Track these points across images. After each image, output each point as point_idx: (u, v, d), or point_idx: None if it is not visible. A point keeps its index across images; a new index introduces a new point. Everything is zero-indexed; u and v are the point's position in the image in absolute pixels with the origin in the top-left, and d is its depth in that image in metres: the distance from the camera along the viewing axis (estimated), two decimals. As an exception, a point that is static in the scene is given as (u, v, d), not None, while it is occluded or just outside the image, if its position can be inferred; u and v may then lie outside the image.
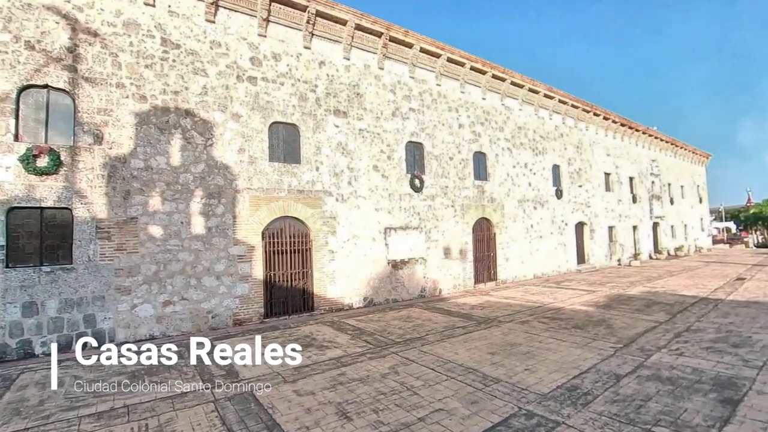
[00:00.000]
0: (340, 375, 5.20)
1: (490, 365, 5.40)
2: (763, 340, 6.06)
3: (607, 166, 19.12)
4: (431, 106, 11.85)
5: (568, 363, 5.40)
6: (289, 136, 9.13)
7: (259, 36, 8.74)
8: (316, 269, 9.14)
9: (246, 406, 4.41)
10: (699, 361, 5.26)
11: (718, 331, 6.74)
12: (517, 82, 14.10)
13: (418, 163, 11.42)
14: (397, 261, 10.50)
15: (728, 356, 5.40)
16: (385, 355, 5.98)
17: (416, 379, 4.96)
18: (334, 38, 9.85)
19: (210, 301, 7.76)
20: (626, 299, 10.06)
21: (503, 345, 6.34)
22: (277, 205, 8.69)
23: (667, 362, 5.27)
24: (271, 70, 8.86)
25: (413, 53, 11.22)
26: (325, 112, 9.61)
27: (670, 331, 6.84)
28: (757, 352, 5.50)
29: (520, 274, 14.17)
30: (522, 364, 5.43)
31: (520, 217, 14.28)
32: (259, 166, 8.53)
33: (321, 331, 7.52)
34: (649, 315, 8.18)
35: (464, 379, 4.92)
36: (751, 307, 8.54)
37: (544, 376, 4.97)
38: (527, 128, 15.00)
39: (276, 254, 8.72)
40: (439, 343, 6.53)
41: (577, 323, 7.65)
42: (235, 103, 8.32)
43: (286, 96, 9.02)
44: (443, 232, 11.77)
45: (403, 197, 10.87)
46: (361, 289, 9.84)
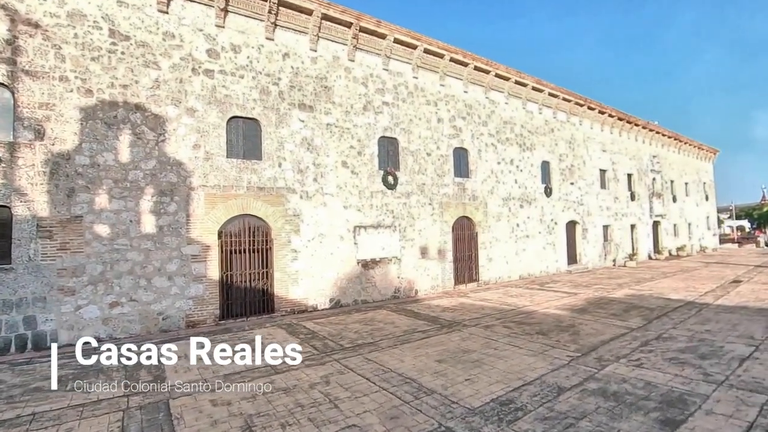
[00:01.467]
0: (267, 384, 4.96)
1: (431, 375, 5.13)
2: (735, 351, 5.68)
3: (602, 163, 18.56)
4: (407, 99, 11.51)
5: (514, 373, 5.09)
6: (249, 131, 8.89)
7: (217, 27, 8.50)
8: (277, 269, 8.92)
9: (154, 416, 4.21)
10: (656, 374, 4.92)
11: (690, 339, 6.36)
12: (501, 74, 13.66)
13: (392, 159, 11.11)
14: (367, 261, 10.23)
15: (690, 369, 5.04)
16: (325, 362, 5.74)
17: (345, 390, 4.70)
18: (299, 29, 9.56)
19: (161, 302, 7.59)
20: (606, 303, 9.67)
21: (456, 352, 6.05)
22: (235, 203, 8.48)
23: (621, 374, 4.93)
24: (229, 62, 8.62)
25: (387, 44, 10.88)
26: (289, 106, 9.35)
27: (639, 339, 6.47)
28: (723, 365, 5.13)
29: (504, 275, 13.80)
30: (466, 373, 5.14)
31: (504, 215, 13.89)
32: (215, 163, 8.31)
33: (273, 335, 7.31)
34: (624, 320, 7.80)
35: (397, 390, 4.65)
36: (736, 313, 8.11)
37: (483, 387, 4.68)
38: (514, 123, 14.56)
39: (234, 254, 8.52)
40: (389, 350, 6.26)
41: (543, 329, 7.31)
42: (189, 97, 8.10)
43: (246, 89, 8.77)
44: (420, 231, 11.46)
45: (375, 194, 10.58)
46: (327, 289, 9.60)
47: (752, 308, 8.52)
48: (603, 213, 18.32)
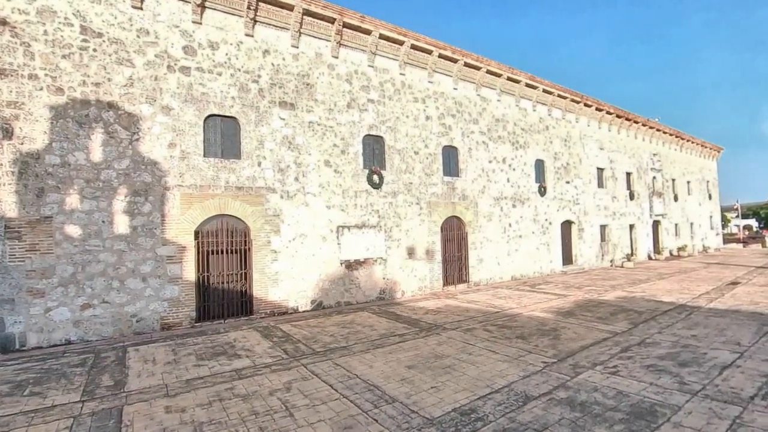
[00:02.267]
0: (228, 390, 4.86)
1: (397, 381, 5.00)
2: (718, 358, 5.50)
3: (600, 161, 18.30)
4: (394, 96, 11.35)
5: (484, 380, 4.95)
6: (228, 129, 8.78)
7: (194, 23, 8.39)
8: (256, 270, 8.82)
9: (104, 423, 4.12)
10: (630, 382, 4.76)
11: (673, 345, 6.18)
12: (493, 70, 13.46)
13: (377, 157, 10.97)
14: (351, 261, 10.11)
15: (667, 377, 4.87)
16: (292, 367, 5.62)
17: (304, 397, 4.59)
18: (280, 25, 9.43)
19: (135, 304, 7.52)
20: (595, 305, 9.49)
21: (429, 357, 5.91)
22: (213, 203, 8.38)
23: (593, 383, 4.78)
24: (207, 59, 8.51)
25: (372, 40, 10.72)
26: (270, 103, 9.23)
27: (620, 345, 6.30)
28: (702, 373, 4.95)
29: (496, 276, 13.63)
30: (434, 380, 5.00)
31: (496, 215, 13.70)
32: (192, 162, 8.21)
33: (246, 338, 7.21)
34: (609, 324, 7.63)
35: (358, 398, 4.53)
36: (727, 317, 7.90)
37: (448, 395, 4.54)
38: (506, 120, 14.35)
39: (212, 254, 8.43)
40: (361, 354, 6.14)
41: (524, 333, 7.16)
42: (165, 95, 8.01)
43: (224, 87, 8.66)
44: (407, 231, 11.31)
45: (360, 194, 10.45)
46: (309, 291, 9.49)
47: (745, 312, 8.31)
48: (600, 212, 18.07)
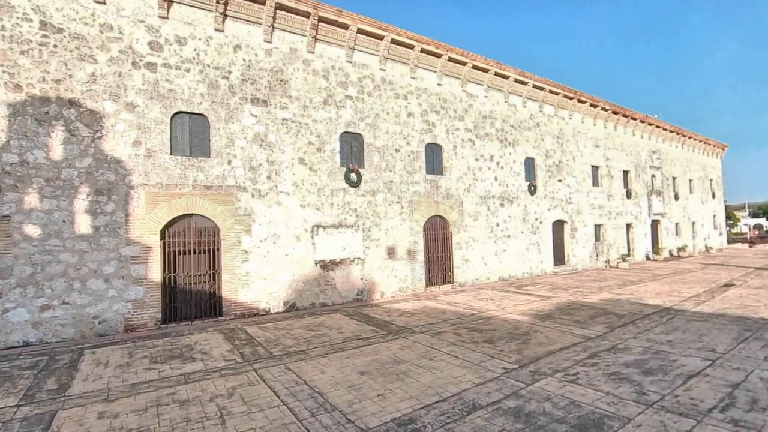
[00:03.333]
0: (169, 395, 4.77)
1: (345, 388, 4.86)
2: (687, 366, 5.29)
3: (594, 159, 17.99)
4: (373, 93, 11.18)
5: (435, 387, 4.80)
6: (197, 127, 8.69)
7: (160, 18, 8.29)
8: (226, 271, 8.72)
9: (32, 429, 4.03)
10: (586, 391, 4.58)
11: (645, 351, 5.99)
12: (479, 65, 13.24)
13: (356, 155, 10.82)
14: (326, 262, 9.99)
15: (627, 386, 4.69)
16: (242, 372, 5.51)
17: (244, 404, 4.47)
18: (252, 20, 9.30)
19: (97, 305, 7.45)
20: (577, 308, 9.28)
21: (387, 362, 5.77)
22: (180, 202, 8.29)
23: (548, 391, 4.61)
24: (174, 55, 8.41)
25: (350, 35, 10.56)
26: (241, 100, 9.11)
27: (589, 350, 6.12)
28: (665, 383, 4.76)
29: (482, 277, 13.44)
30: (383, 387, 4.86)
31: (483, 214, 13.50)
32: (158, 160, 8.13)
33: (208, 341, 7.12)
34: (585, 328, 7.43)
35: (298, 405, 4.41)
36: (710, 321, 7.67)
37: (392, 404, 4.40)
38: (494, 117, 14.12)
39: (179, 255, 8.35)
40: (318, 359, 6.02)
41: (494, 336, 6.99)
42: (129, 91, 7.92)
43: (192, 83, 8.56)
44: (387, 230, 11.16)
45: (336, 193, 10.32)
46: (282, 292, 9.38)
47: (730, 316, 8.06)
48: (595, 212, 17.77)
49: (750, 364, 5.29)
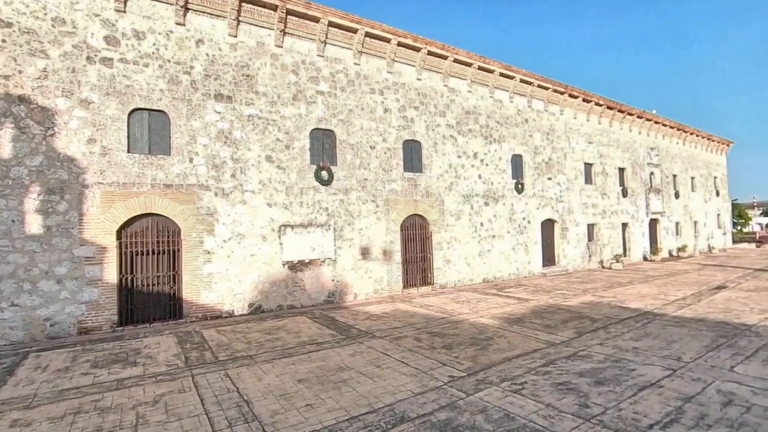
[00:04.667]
0: (94, 402, 4.64)
1: (276, 397, 4.70)
2: (644, 376, 5.05)
3: (588, 156, 17.63)
4: (347, 88, 10.98)
5: (370, 397, 4.62)
6: (157, 124, 8.56)
7: (117, 12, 8.16)
8: (187, 272, 8.60)
9: (-65, 442, 3.93)
10: (526, 403, 4.37)
11: (605, 359, 5.75)
12: (462, 59, 12.97)
13: (328, 153, 10.64)
14: (295, 262, 9.83)
15: (571, 397, 4.47)
16: (179, 377, 5.38)
17: (165, 413, 4.33)
18: (215, 13, 9.15)
19: (48, 307, 7.37)
20: (553, 311, 9.03)
21: (331, 369, 5.60)
22: (137, 202, 8.18)
23: (487, 402, 4.40)
24: (132, 50, 8.28)
25: (321, 28, 10.37)
26: (204, 96, 8.97)
27: (547, 357, 5.89)
28: (614, 394, 4.53)
29: (465, 278, 13.21)
30: (315, 396, 4.69)
31: (465, 213, 13.26)
32: (114, 158, 8.01)
33: (159, 344, 7.00)
34: (553, 333, 7.20)
35: (219, 415, 4.25)
36: (687, 327, 7.40)
37: (318, 415, 4.23)
38: (478, 113, 13.85)
39: (137, 255, 8.24)
40: (261, 364, 5.87)
41: (454, 341, 6.79)
42: (84, 87, 7.81)
43: (151, 79, 8.43)
44: (360, 230, 10.98)
45: (306, 191, 10.15)
46: (247, 294, 9.25)
47: (710, 321, 7.77)
48: (588, 211, 17.42)
49: (712, 374, 5.04)
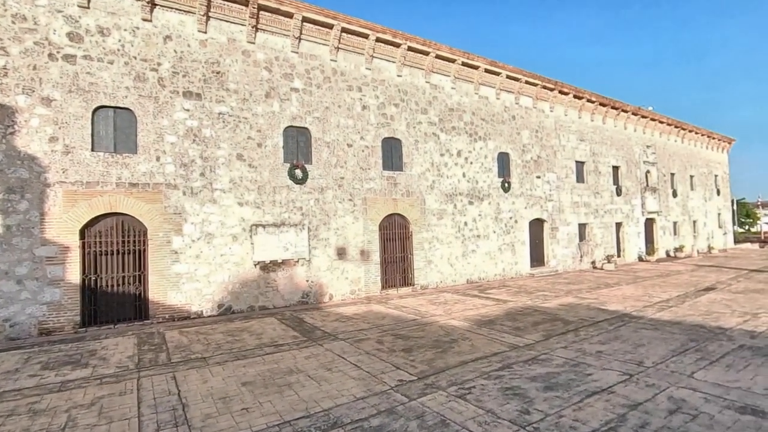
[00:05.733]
0: (30, 404, 4.63)
1: (215, 400, 4.66)
2: (599, 381, 4.95)
3: (579, 154, 17.44)
4: (323, 85, 10.91)
5: (310, 402, 4.56)
6: (122, 122, 8.54)
7: (80, 8, 8.14)
8: (153, 272, 8.58)
9: None
10: (467, 408, 4.29)
11: (564, 363, 5.65)
12: (444, 55, 12.85)
13: (302, 151, 10.58)
14: (267, 263, 9.79)
15: (515, 403, 4.39)
16: (124, 379, 5.35)
17: (98, 415, 4.30)
18: (184, 8, 9.11)
19: (8, 308, 7.37)
20: (528, 313, 8.93)
21: (281, 372, 5.55)
22: (101, 201, 8.16)
23: (427, 408, 4.33)
24: (96, 47, 8.26)
25: (295, 24, 10.30)
26: (172, 93, 8.94)
27: (505, 361, 5.81)
28: (560, 400, 4.44)
29: (448, 279, 13.11)
30: (255, 400, 4.64)
31: (448, 213, 13.15)
32: (77, 157, 8.00)
33: (117, 345, 6.98)
34: (520, 336, 7.10)
35: (151, 418, 4.21)
36: (660, 330, 7.27)
37: (251, 419, 4.18)
38: (462, 110, 13.73)
39: (102, 255, 8.23)
40: (213, 366, 5.83)
41: (416, 344, 6.72)
42: (45, 85, 7.80)
43: (116, 76, 8.41)
44: (337, 229, 10.91)
45: (279, 190, 10.09)
46: (216, 294, 9.22)
47: (686, 324, 7.64)
48: (579, 210, 17.24)
49: (670, 380, 4.92)
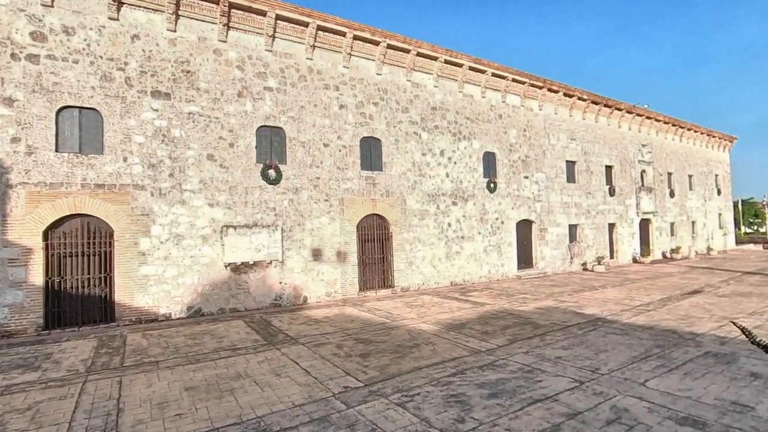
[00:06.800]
0: (-40, 412, 4.64)
1: (152, 406, 4.66)
2: (547, 388, 4.89)
3: (570, 153, 17.31)
4: (298, 84, 10.90)
5: (247, 408, 4.55)
6: (88, 122, 8.57)
7: (44, 7, 8.17)
8: (120, 274, 8.61)
9: None
10: (403, 416, 4.26)
11: (519, 369, 5.60)
12: (425, 53, 12.79)
13: (276, 151, 10.57)
14: (238, 264, 9.79)
15: (453, 411, 4.35)
16: (70, 384, 5.37)
17: (29, 421, 4.31)
18: (152, 7, 9.12)
19: (-31, 309, 7.43)
20: (501, 317, 8.87)
21: (229, 377, 5.54)
22: (66, 202, 8.20)
23: (362, 416, 4.30)
24: (60, 46, 8.29)
25: (269, 22, 10.29)
26: (140, 93, 8.96)
27: (461, 367, 5.76)
28: (500, 408, 4.39)
29: (431, 281, 13.06)
30: (192, 406, 4.64)
31: (431, 213, 13.10)
32: (41, 158, 8.04)
33: (76, 348, 7.01)
34: (485, 341, 7.06)
35: (81, 424, 4.22)
36: (630, 335, 7.20)
37: (182, 426, 4.17)
38: (446, 108, 13.66)
39: (67, 257, 8.27)
40: (163, 370, 5.84)
41: (376, 349, 6.69)
42: (7, 85, 7.84)
43: (82, 76, 8.44)
44: (312, 230, 10.90)
45: (252, 190, 10.09)
46: (186, 297, 9.24)
47: (659, 329, 7.56)
48: (570, 210, 17.11)
49: (620, 388, 4.86)
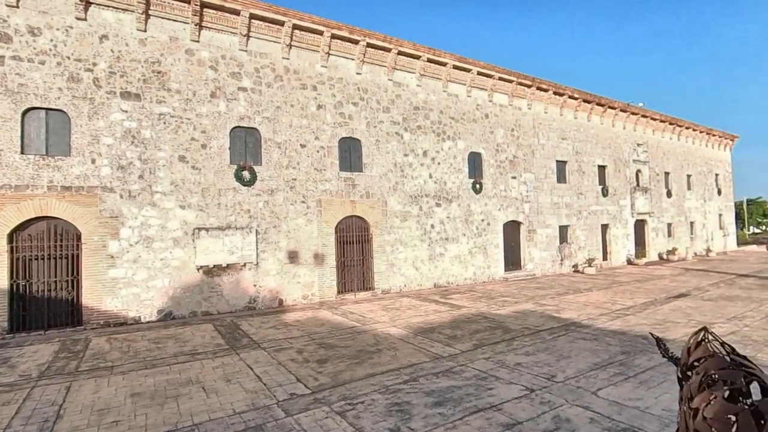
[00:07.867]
0: None
1: (92, 413, 4.68)
2: (495, 397, 4.86)
3: (561, 153, 17.20)
4: (273, 84, 10.90)
5: (187, 414, 4.56)
6: (55, 123, 8.62)
7: (9, 7, 8.22)
8: (88, 277, 8.66)
9: None
10: (338, 425, 4.25)
11: (474, 376, 5.58)
12: (407, 51, 12.75)
13: (251, 152, 10.58)
14: (211, 267, 9.81)
15: (392, 420, 4.34)
16: (17, 389, 5.40)
17: (-40, 430, 4.34)
18: (121, 6, 9.15)
19: (-69, 313, 7.49)
20: (473, 321, 8.83)
21: (178, 383, 5.55)
22: (31, 204, 8.25)
23: (299, 424, 4.29)
24: (26, 47, 8.34)
25: (243, 21, 10.29)
26: (108, 94, 8.99)
27: (416, 373, 5.75)
28: (441, 418, 4.38)
29: (414, 283, 13.03)
30: (132, 413, 4.66)
31: (413, 215, 13.07)
32: (5, 160, 8.09)
33: (36, 353, 7.05)
34: (450, 346, 7.04)
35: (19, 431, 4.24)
36: (599, 341, 7.15)
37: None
38: (429, 108, 13.61)
39: (33, 260, 8.32)
40: (115, 375, 5.87)
41: (336, 354, 6.69)
42: (-28, 86, 7.90)
43: (48, 77, 8.48)
44: (288, 232, 10.91)
45: (225, 192, 10.11)
46: (156, 300, 9.27)
47: (630, 335, 7.50)
48: (560, 211, 17.01)
49: (570, 397, 4.82)
